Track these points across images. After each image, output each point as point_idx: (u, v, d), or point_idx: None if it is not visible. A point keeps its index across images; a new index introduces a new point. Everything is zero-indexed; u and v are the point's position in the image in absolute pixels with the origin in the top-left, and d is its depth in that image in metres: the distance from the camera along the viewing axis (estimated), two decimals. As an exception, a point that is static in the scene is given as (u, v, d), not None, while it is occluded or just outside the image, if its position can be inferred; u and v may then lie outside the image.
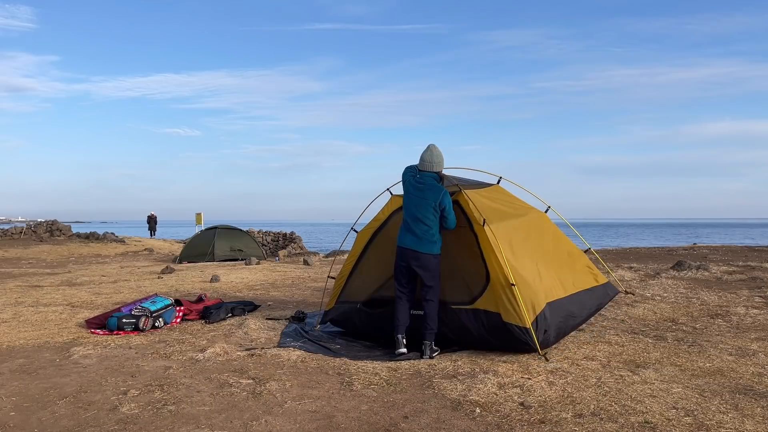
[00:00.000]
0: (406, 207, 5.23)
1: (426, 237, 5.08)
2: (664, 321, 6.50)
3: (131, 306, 6.51)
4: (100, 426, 3.52)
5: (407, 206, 5.21)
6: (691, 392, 3.96)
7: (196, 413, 3.71)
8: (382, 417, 3.63)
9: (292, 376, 4.50)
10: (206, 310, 6.89)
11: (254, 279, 11.44)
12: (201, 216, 26.09)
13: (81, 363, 4.95)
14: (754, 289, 8.43)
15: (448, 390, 4.09)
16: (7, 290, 9.98)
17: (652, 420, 3.46)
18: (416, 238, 5.10)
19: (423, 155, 5.29)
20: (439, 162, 5.27)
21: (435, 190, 5.12)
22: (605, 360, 4.81)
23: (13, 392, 4.18)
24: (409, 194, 5.23)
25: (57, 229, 28.19)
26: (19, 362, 5.01)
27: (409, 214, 5.17)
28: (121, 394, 4.08)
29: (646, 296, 8.07)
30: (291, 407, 3.82)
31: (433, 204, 5.08)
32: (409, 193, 5.22)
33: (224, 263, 16.82)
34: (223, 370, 4.67)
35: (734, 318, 6.52)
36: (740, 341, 5.43)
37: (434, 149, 5.30)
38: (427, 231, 5.08)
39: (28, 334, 6.11)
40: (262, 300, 8.40)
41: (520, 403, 3.79)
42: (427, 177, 5.21)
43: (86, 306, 7.99)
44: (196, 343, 5.61)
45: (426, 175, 5.22)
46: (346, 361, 4.94)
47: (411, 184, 5.24)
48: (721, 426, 3.36)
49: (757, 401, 3.77)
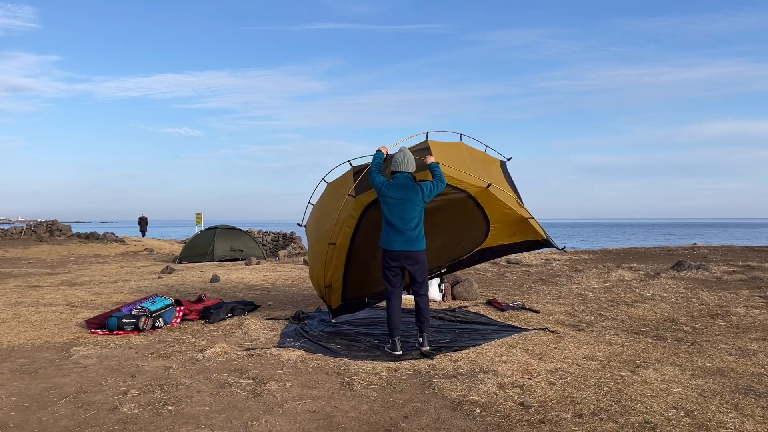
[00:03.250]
0: (389, 211, 5.25)
1: (415, 236, 5.23)
2: (664, 321, 6.50)
3: (131, 306, 6.51)
4: (100, 426, 3.52)
5: (391, 210, 5.24)
6: (691, 392, 3.96)
7: (196, 413, 3.71)
8: (382, 417, 3.63)
9: (292, 376, 4.50)
10: (206, 310, 6.89)
11: (254, 279, 11.44)
12: (201, 216, 26.08)
13: (81, 363, 4.95)
14: (754, 289, 8.43)
15: (448, 390, 4.09)
16: (7, 290, 9.99)
17: (652, 420, 3.46)
18: (406, 239, 5.20)
19: (396, 157, 5.40)
20: (412, 162, 5.41)
21: (414, 189, 5.24)
22: (605, 360, 4.81)
23: (13, 392, 4.18)
24: (387, 198, 5.24)
25: (57, 229, 28.20)
26: (19, 362, 5.01)
27: (396, 217, 5.22)
28: (121, 394, 4.08)
29: (646, 296, 8.07)
30: (291, 407, 3.82)
31: (417, 201, 5.21)
32: (388, 196, 5.24)
33: (224, 263, 16.82)
34: (223, 370, 4.67)
35: (734, 318, 6.52)
36: (740, 341, 5.44)
37: (407, 151, 5.45)
38: (416, 228, 5.24)
39: (28, 334, 6.11)
40: (262, 300, 8.40)
41: (520, 403, 3.79)
42: (402, 178, 5.31)
43: (86, 306, 7.99)
44: (196, 343, 5.61)
45: (400, 176, 5.32)
46: (346, 361, 4.94)
47: (386, 186, 5.28)
48: (721, 426, 3.36)
49: (757, 401, 3.77)
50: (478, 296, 8.36)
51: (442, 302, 8.03)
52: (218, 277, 11.34)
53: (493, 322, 6.50)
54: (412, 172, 5.37)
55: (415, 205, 5.22)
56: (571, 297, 8.18)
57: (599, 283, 9.47)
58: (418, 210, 5.25)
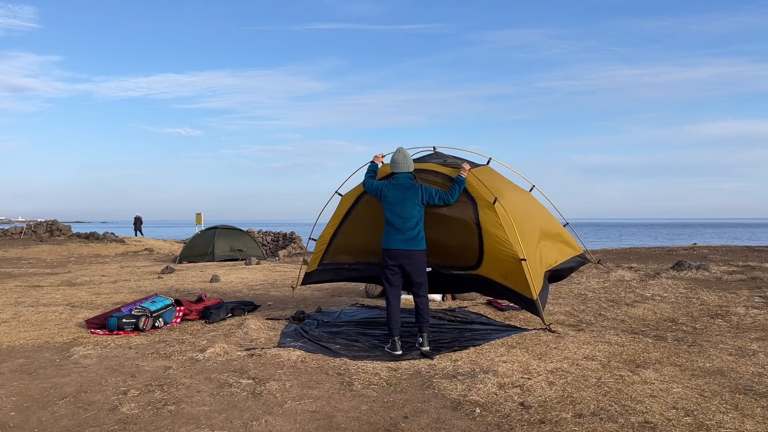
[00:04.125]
0: (389, 210, 5.31)
1: (414, 235, 5.24)
2: (664, 321, 6.50)
3: (131, 306, 6.51)
4: (100, 426, 3.52)
5: (391, 209, 5.29)
6: (691, 392, 3.96)
7: (196, 413, 3.71)
8: (382, 417, 3.63)
9: (292, 376, 4.50)
10: (206, 310, 6.89)
11: (254, 279, 11.44)
12: (201, 216, 26.08)
13: (81, 363, 4.95)
14: (754, 289, 8.43)
15: (448, 390, 4.09)
16: (7, 290, 9.99)
17: (652, 420, 3.46)
18: (404, 238, 5.23)
19: (394, 157, 5.47)
20: (411, 163, 5.48)
21: (413, 189, 5.29)
22: (605, 360, 4.81)
23: (13, 392, 4.18)
24: (387, 197, 5.32)
25: (57, 229, 28.20)
26: (19, 362, 5.01)
27: (395, 216, 5.26)
28: (121, 394, 4.08)
29: (646, 296, 8.07)
30: (291, 407, 3.82)
31: (416, 201, 5.25)
32: (388, 196, 5.31)
33: (224, 263, 16.82)
34: (223, 370, 4.67)
35: (734, 318, 6.52)
36: (740, 341, 5.44)
37: (405, 151, 5.51)
38: (415, 228, 5.24)
39: (28, 334, 6.11)
40: (262, 300, 8.40)
41: (520, 403, 3.79)
42: (402, 177, 5.39)
43: (86, 306, 7.99)
44: (196, 343, 5.61)
45: (400, 176, 5.40)
46: (346, 361, 4.94)
47: (386, 186, 5.36)
48: (721, 426, 3.36)
49: (757, 401, 3.77)
50: (478, 296, 8.36)
51: (442, 302, 8.03)
52: (218, 277, 11.34)
53: (493, 322, 6.50)
54: (411, 172, 5.45)
55: (414, 205, 5.24)
56: (570, 297, 8.17)
57: (599, 283, 9.47)
58: (417, 210, 5.27)
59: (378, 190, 5.41)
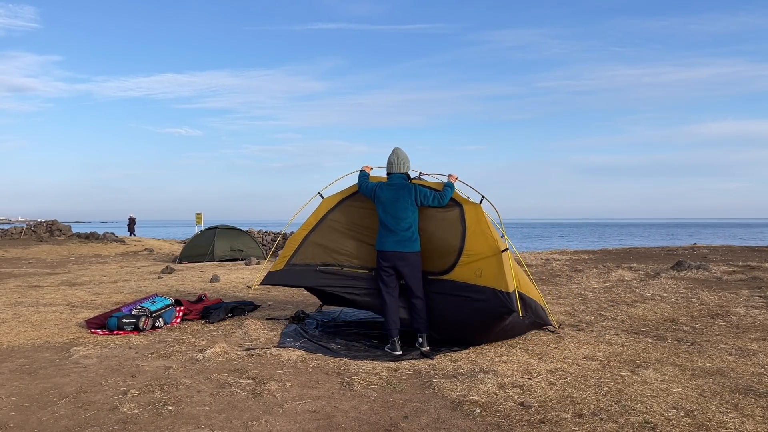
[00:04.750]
0: (383, 210, 5.33)
1: (407, 236, 5.24)
2: (664, 321, 6.50)
3: (131, 306, 6.50)
4: (100, 426, 3.52)
5: (385, 209, 5.32)
6: (691, 392, 3.96)
7: (196, 413, 3.71)
8: (382, 417, 3.63)
9: (292, 376, 4.50)
10: (206, 310, 6.89)
11: (254, 279, 11.44)
12: (201, 216, 26.10)
13: (81, 363, 4.95)
14: (754, 289, 8.43)
15: (448, 390, 4.10)
16: (7, 290, 9.99)
17: (652, 420, 3.46)
18: (398, 239, 5.23)
19: (390, 158, 5.53)
20: (405, 163, 5.51)
21: (407, 188, 5.33)
22: (605, 360, 4.81)
23: (13, 392, 4.18)
24: (380, 198, 5.35)
25: (57, 229, 28.21)
26: (19, 362, 5.01)
27: (388, 216, 5.28)
28: (121, 394, 4.08)
29: (646, 296, 8.07)
30: (291, 407, 3.82)
31: (409, 201, 5.27)
32: (382, 197, 5.34)
33: (224, 263, 16.82)
34: (223, 370, 4.67)
35: (734, 318, 6.52)
36: (740, 341, 5.44)
37: (399, 152, 5.54)
38: (408, 229, 5.25)
39: (28, 334, 6.11)
40: (262, 300, 8.40)
41: (520, 403, 3.79)
42: (396, 178, 5.45)
43: (86, 306, 7.99)
44: (196, 343, 5.61)
45: (394, 176, 5.46)
46: (346, 361, 4.94)
47: (380, 187, 5.40)
48: (721, 426, 3.36)
49: (757, 401, 3.77)
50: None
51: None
52: (218, 277, 11.34)
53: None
54: (405, 172, 5.51)
55: (407, 205, 5.26)
56: (571, 297, 8.18)
57: (599, 283, 9.47)
58: (411, 210, 5.28)
59: (372, 191, 5.46)
